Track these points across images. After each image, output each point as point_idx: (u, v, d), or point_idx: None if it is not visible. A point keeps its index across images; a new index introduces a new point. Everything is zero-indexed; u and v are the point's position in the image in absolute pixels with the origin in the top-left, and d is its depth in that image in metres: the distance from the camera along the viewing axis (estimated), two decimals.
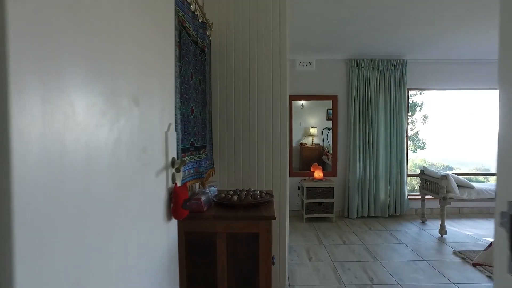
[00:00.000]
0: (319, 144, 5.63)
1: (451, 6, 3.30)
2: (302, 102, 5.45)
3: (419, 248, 3.83)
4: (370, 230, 4.49)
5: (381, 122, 5.06)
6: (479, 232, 4.40)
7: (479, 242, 4.03)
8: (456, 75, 5.21)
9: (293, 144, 5.45)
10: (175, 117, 1.52)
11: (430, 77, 5.21)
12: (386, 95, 5.05)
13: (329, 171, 5.28)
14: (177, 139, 1.54)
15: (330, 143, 5.38)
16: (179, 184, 1.34)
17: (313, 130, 5.57)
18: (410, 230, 4.52)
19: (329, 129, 5.43)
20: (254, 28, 2.77)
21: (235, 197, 1.87)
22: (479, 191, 4.30)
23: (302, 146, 5.58)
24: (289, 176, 5.26)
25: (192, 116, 1.94)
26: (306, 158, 5.55)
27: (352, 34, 4.11)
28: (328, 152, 5.49)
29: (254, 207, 1.83)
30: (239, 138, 2.80)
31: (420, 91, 6.23)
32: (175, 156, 1.31)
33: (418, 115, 8.49)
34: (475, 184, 4.47)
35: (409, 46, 4.63)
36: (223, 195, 1.96)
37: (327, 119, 5.46)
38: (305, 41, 4.41)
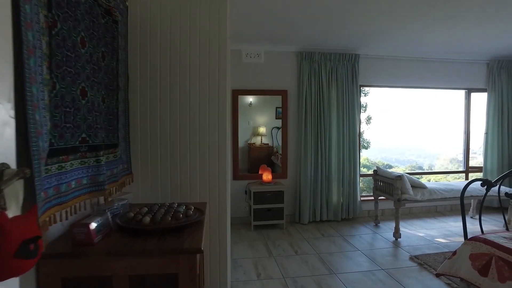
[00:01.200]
0: (268, 144, 5.19)
1: (401, 1, 3.09)
2: (251, 100, 4.99)
3: (375, 255, 3.53)
4: (323, 237, 4.13)
5: (333, 119, 4.75)
6: (430, 233, 4.25)
7: (432, 244, 3.85)
8: (406, 72, 5.07)
9: (241, 145, 4.96)
10: (28, 97, 0.92)
11: (382, 74, 5.01)
12: (339, 91, 4.75)
13: (279, 172, 4.87)
14: (32, 133, 0.94)
15: (280, 143, 4.96)
16: (19, 212, 0.76)
17: (262, 130, 5.12)
18: (364, 234, 4.24)
19: (278, 128, 5.02)
20: (186, 8, 2.22)
21: (148, 218, 1.30)
22: (432, 191, 4.15)
23: (251, 146, 5.11)
24: (234, 179, 4.78)
25: (83, 102, 1.34)
26: (255, 158, 5.10)
27: (302, 24, 3.72)
28: (277, 152, 5.08)
29: (175, 233, 1.29)
30: (166, 137, 2.22)
31: (368, 88, 6.07)
32: (7, 163, 0.73)
33: (362, 116, 8.50)
34: (427, 184, 4.31)
35: (362, 40, 4.37)
36: (132, 214, 1.38)
37: (276, 118, 5.05)
38: (252, 29, 3.93)
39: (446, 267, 2.52)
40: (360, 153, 5.11)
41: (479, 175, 5.59)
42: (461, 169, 5.70)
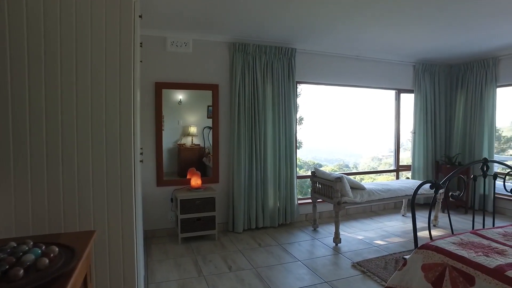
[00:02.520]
0: (199, 145, 4.65)
1: None
2: (180, 97, 4.40)
3: (316, 266, 3.22)
4: (260, 247, 3.72)
5: (268, 118, 4.39)
6: (369, 235, 4.12)
7: (372, 248, 3.68)
8: (342, 70, 4.95)
9: (170, 145, 4.35)
10: None
11: (317, 71, 4.80)
12: (274, 87, 4.41)
13: (210, 176, 4.35)
14: None
15: (212, 143, 4.46)
16: None
17: (193, 129, 4.56)
18: (303, 241, 3.93)
19: (210, 128, 4.51)
20: None
21: None
22: (370, 192, 4.00)
23: (180, 147, 4.52)
24: (158, 186, 4.14)
25: None
26: (185, 160, 4.52)
27: (234, 9, 3.28)
28: (209, 153, 4.56)
29: None
30: (41, 137, 1.58)
31: (300, 89, 5.87)
32: None
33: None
34: (365, 185, 4.18)
35: (299, 34, 4.08)
36: None
37: (208, 117, 4.53)
38: (177, 12, 3.36)
39: (396, 279, 2.26)
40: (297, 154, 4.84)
41: (408, 173, 5.74)
42: (381, 167, 5.79)
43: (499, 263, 1.89)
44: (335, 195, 3.77)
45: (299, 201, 4.81)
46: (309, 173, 4.72)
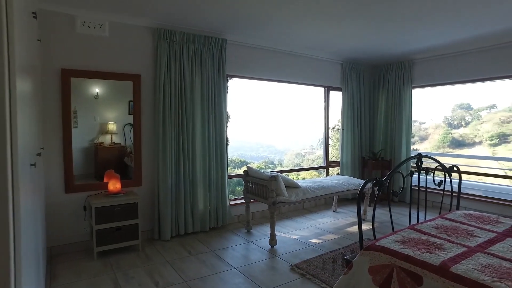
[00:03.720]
0: (120, 144, 4.08)
1: None
2: (97, 90, 3.79)
3: (254, 272, 2.98)
4: (190, 255, 3.36)
5: (197, 113, 4.03)
6: (303, 234, 4.03)
7: (309, 247, 3.58)
8: (273, 65, 4.80)
9: (85, 144, 3.73)
10: None
11: (249, 65, 4.58)
12: (204, 80, 4.06)
13: (132, 179, 3.84)
14: None
15: (134, 142, 3.94)
16: None
17: (112, 127, 3.98)
18: (238, 245, 3.67)
19: (132, 125, 3.99)
20: None
21: None
22: (305, 190, 3.91)
23: (98, 146, 3.90)
24: (67, 193, 3.49)
25: None
26: (104, 161, 3.92)
27: None
28: (131, 153, 4.03)
29: None
30: None
31: (237, 78, 5.61)
32: None
33: None
34: (300, 183, 4.08)
35: (230, 23, 3.80)
36: None
37: (129, 113, 3.99)
38: None
39: (342, 285, 2.12)
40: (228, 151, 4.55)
41: (336, 169, 5.87)
42: (305, 164, 5.86)
43: (442, 259, 1.85)
44: (270, 194, 3.58)
45: (231, 202, 4.55)
46: (236, 172, 4.48)
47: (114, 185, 3.43)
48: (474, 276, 1.67)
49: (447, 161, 6.78)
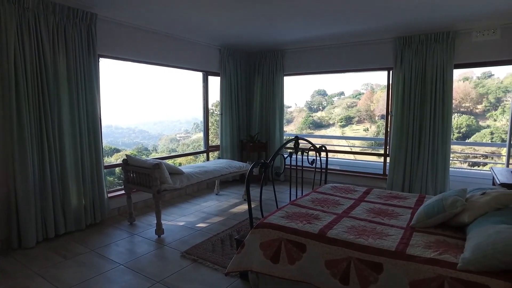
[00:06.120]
0: None
1: None
2: None
3: (143, 266, 2.85)
4: (66, 259, 2.97)
5: (64, 98, 3.51)
6: (189, 220, 4.05)
7: (196, 232, 3.63)
8: (149, 46, 4.52)
9: None
10: None
11: (123, 44, 4.20)
12: (70, 60, 3.53)
13: None
14: None
15: None
16: None
17: None
18: (121, 240, 3.43)
19: None
20: None
21: None
22: (189, 176, 3.90)
23: None
24: None
25: None
26: None
27: None
28: None
29: None
30: None
31: (110, 59, 5.07)
32: None
33: None
34: (183, 169, 4.04)
35: None
36: None
37: None
38: None
39: (235, 263, 2.25)
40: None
41: (216, 153, 6.03)
42: (180, 148, 5.91)
43: (320, 227, 2.16)
44: (153, 183, 3.45)
45: (109, 194, 4.18)
46: (106, 161, 4.15)
47: None
48: (344, 237, 2.02)
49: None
